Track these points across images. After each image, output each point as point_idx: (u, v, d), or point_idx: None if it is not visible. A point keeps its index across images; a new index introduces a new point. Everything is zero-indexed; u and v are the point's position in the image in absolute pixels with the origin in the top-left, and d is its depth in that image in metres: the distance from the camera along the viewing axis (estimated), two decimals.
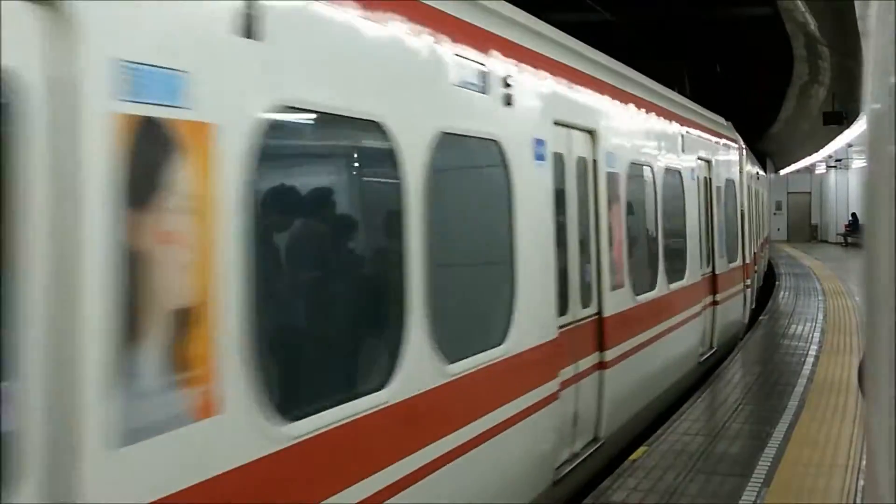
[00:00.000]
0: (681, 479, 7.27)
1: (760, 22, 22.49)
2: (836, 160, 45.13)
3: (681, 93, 14.66)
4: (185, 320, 3.24)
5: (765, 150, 44.73)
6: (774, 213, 49.86)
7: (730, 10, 22.94)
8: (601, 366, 7.89)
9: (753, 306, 18.39)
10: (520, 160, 6.30)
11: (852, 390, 10.14)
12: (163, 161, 3.17)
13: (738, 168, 17.05)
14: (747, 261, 17.08)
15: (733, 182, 16.09)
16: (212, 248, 3.37)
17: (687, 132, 12.24)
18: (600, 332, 7.93)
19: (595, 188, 8.07)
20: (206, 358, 3.32)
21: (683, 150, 11.89)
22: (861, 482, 7.03)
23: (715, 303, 13.35)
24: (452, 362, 5.14)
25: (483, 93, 5.81)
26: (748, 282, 17.05)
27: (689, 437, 8.60)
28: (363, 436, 4.25)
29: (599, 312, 7.97)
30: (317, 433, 3.88)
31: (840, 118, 25.58)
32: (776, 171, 53.06)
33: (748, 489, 6.95)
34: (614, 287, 8.29)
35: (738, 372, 12.02)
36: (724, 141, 15.59)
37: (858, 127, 28.14)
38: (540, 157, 6.70)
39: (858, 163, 43.45)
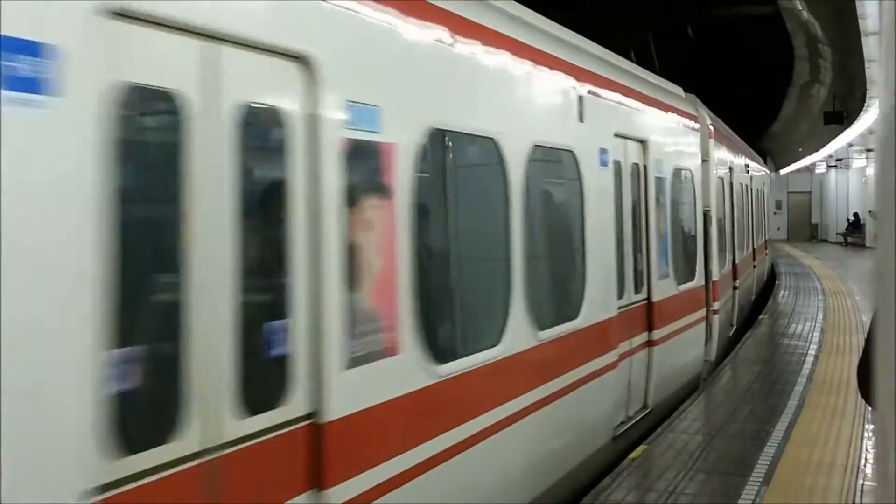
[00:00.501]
0: (680, 478, 7.28)
1: (761, 21, 22.50)
2: (837, 160, 45.14)
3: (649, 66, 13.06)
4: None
5: (765, 150, 44.71)
6: (775, 213, 49.86)
7: (730, 9, 22.95)
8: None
9: (735, 327, 15.69)
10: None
11: (852, 390, 10.15)
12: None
13: (698, 154, 12.46)
14: (715, 278, 12.86)
15: (689, 173, 11.71)
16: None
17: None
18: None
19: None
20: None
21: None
22: (860, 481, 7.04)
23: (650, 343, 9.43)
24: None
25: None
26: (716, 305, 12.83)
27: (688, 436, 8.60)
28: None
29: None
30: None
31: (840, 118, 25.58)
32: (776, 170, 53.08)
33: (747, 488, 6.95)
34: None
35: (738, 371, 12.03)
36: (674, 116, 11.45)
37: (859, 126, 28.14)
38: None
39: (859, 162, 43.47)
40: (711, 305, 12.66)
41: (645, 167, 9.46)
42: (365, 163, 4.48)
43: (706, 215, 12.63)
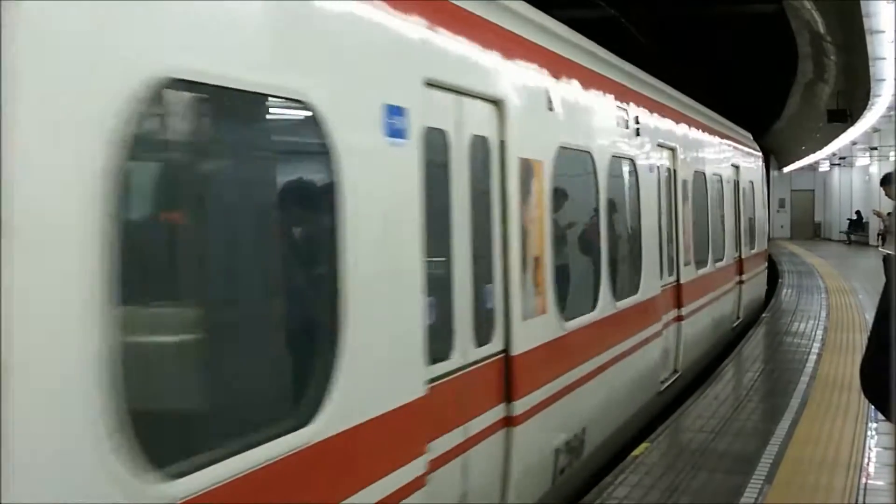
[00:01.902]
0: (683, 476, 7.28)
1: (765, 19, 22.46)
2: (840, 158, 45.06)
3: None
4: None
5: (768, 148, 44.67)
6: (778, 211, 49.84)
7: (734, 7, 22.91)
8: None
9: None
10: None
11: (855, 388, 10.10)
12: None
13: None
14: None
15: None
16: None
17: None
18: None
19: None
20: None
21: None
22: (864, 480, 7.04)
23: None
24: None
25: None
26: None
27: (691, 434, 8.60)
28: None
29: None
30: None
31: (844, 116, 25.51)
32: (779, 168, 52.99)
33: (750, 486, 6.95)
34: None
35: (741, 369, 12.02)
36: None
37: (863, 125, 28.09)
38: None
39: (862, 160, 43.41)
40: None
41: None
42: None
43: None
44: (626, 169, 9.25)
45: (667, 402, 10.38)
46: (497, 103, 5.89)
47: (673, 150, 11.34)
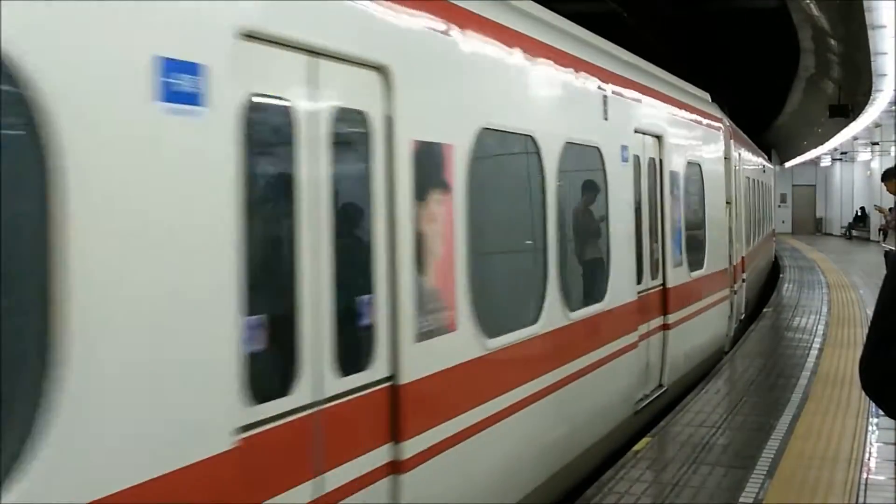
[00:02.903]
0: (684, 471, 7.28)
1: (767, 14, 22.42)
2: (842, 153, 45.04)
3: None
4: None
5: (770, 143, 44.64)
6: (779, 206, 49.84)
7: (736, 3, 22.88)
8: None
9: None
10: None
11: (856, 384, 10.11)
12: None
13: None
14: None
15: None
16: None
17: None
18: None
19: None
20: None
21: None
22: (864, 475, 7.04)
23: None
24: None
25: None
26: None
27: (692, 429, 8.60)
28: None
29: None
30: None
31: (846, 111, 25.48)
32: (781, 163, 53.01)
33: (751, 481, 6.95)
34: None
35: (742, 364, 12.02)
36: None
37: (864, 120, 28.07)
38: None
39: (864, 156, 43.38)
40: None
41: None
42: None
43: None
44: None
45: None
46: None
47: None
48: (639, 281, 9.12)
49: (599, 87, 8.13)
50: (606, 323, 7.99)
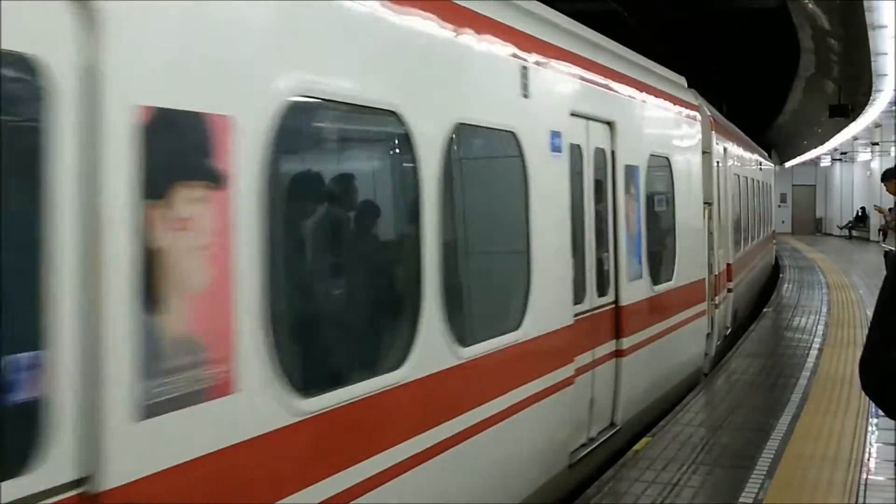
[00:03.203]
0: (683, 471, 7.27)
1: (767, 14, 22.42)
2: (842, 153, 45.03)
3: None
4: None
5: (770, 142, 44.63)
6: (779, 206, 49.83)
7: (736, 3, 22.87)
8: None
9: None
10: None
11: (856, 384, 10.10)
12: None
13: None
14: None
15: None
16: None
17: None
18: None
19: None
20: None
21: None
22: (864, 475, 7.03)
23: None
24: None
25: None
26: None
27: (692, 429, 8.60)
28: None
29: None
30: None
31: (846, 111, 25.48)
32: (781, 163, 53.03)
33: (751, 481, 6.94)
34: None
35: (742, 364, 12.02)
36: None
37: (864, 120, 28.05)
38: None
39: (864, 156, 43.37)
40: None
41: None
42: None
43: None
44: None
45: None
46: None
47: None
48: (579, 300, 7.33)
49: (516, 56, 6.28)
50: (523, 357, 6.19)
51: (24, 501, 2.71)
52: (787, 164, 53.52)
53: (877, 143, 36.66)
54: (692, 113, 11.79)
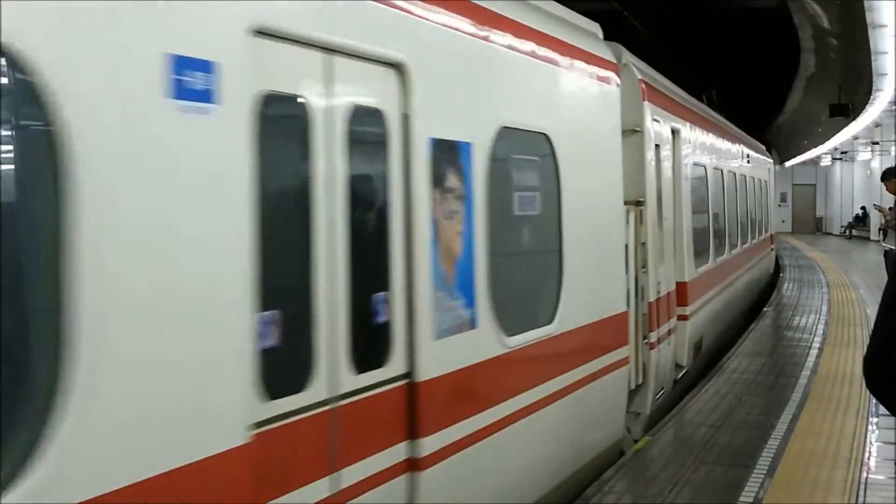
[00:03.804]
0: (684, 470, 7.28)
1: (767, 13, 22.43)
2: (842, 152, 45.04)
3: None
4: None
5: (770, 142, 44.66)
6: (779, 205, 49.86)
7: (737, 2, 22.88)
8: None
9: None
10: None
11: (856, 383, 10.14)
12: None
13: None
14: None
15: None
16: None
17: None
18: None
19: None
20: None
21: None
22: (864, 474, 7.04)
23: None
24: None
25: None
26: None
27: (692, 428, 8.61)
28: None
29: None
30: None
31: (846, 110, 25.50)
32: (781, 162, 53.05)
33: (751, 480, 6.95)
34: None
35: (743, 363, 12.02)
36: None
37: (865, 119, 28.07)
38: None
39: (864, 155, 43.38)
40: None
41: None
42: None
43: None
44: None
45: None
46: None
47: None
48: (301, 387, 4.01)
49: None
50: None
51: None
52: (788, 164, 53.54)
53: (877, 143, 36.68)
54: (604, 73, 7.82)
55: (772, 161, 26.59)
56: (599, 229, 7.68)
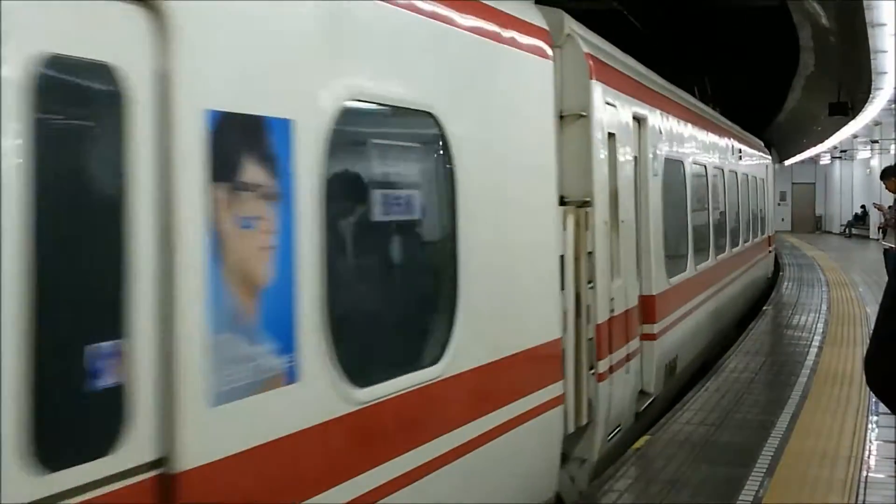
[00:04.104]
0: (684, 469, 7.28)
1: (767, 11, 22.42)
2: (841, 151, 45.06)
3: None
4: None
5: (770, 140, 44.68)
6: (779, 204, 49.91)
7: (736, 0, 22.88)
8: None
9: None
10: None
11: (856, 381, 10.15)
12: None
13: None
14: None
15: None
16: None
17: None
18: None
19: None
20: None
21: None
22: (864, 473, 7.04)
23: None
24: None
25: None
26: None
27: (692, 427, 8.61)
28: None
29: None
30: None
31: (846, 109, 25.49)
32: (780, 161, 53.08)
33: (751, 479, 6.94)
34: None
35: (742, 362, 12.03)
36: None
37: (864, 118, 28.07)
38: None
39: (863, 154, 43.39)
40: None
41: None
42: None
43: None
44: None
45: None
46: None
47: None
48: None
49: None
50: None
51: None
52: (787, 162, 53.55)
53: (876, 141, 36.68)
54: (530, 41, 6.29)
55: (770, 158, 26.26)
56: (517, 238, 5.97)
